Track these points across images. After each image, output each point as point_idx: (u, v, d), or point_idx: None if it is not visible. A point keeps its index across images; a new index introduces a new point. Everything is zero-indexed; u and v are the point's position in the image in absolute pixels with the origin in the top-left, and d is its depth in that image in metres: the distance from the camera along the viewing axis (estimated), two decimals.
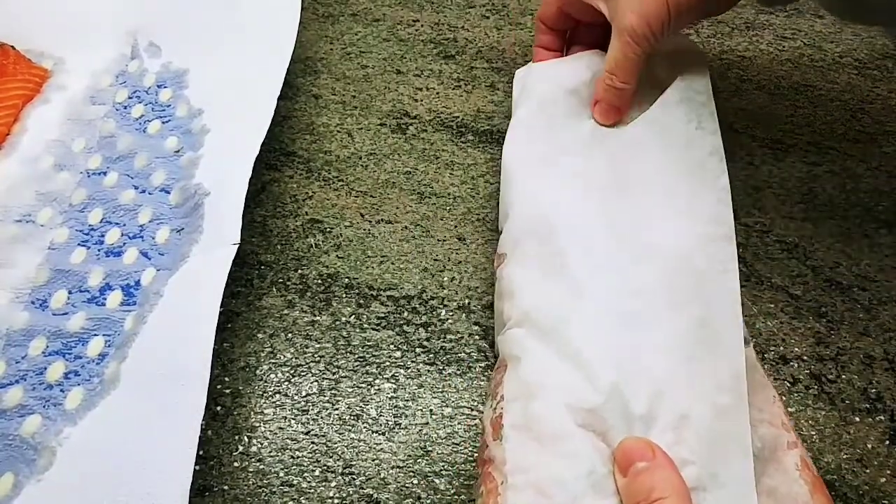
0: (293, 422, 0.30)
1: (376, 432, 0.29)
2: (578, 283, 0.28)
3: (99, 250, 0.32)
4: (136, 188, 0.34)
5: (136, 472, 0.25)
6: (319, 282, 0.34)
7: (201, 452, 0.28)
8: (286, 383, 0.31)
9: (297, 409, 0.30)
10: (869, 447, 0.29)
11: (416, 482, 0.28)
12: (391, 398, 0.30)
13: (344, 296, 0.33)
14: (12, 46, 0.38)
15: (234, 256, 0.29)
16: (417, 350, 0.32)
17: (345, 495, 0.28)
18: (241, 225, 0.30)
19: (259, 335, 0.32)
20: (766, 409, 0.27)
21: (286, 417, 0.30)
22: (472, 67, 0.43)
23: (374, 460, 0.29)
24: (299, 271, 0.34)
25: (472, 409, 0.30)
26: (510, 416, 0.26)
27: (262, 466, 0.28)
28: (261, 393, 0.30)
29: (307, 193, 0.37)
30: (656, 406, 0.25)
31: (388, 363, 0.31)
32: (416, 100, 0.41)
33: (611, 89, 0.33)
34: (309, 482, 0.28)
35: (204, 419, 0.25)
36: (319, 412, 0.30)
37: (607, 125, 0.34)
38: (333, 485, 0.28)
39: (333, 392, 0.30)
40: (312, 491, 0.28)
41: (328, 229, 0.36)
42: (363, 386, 0.31)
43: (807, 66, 0.43)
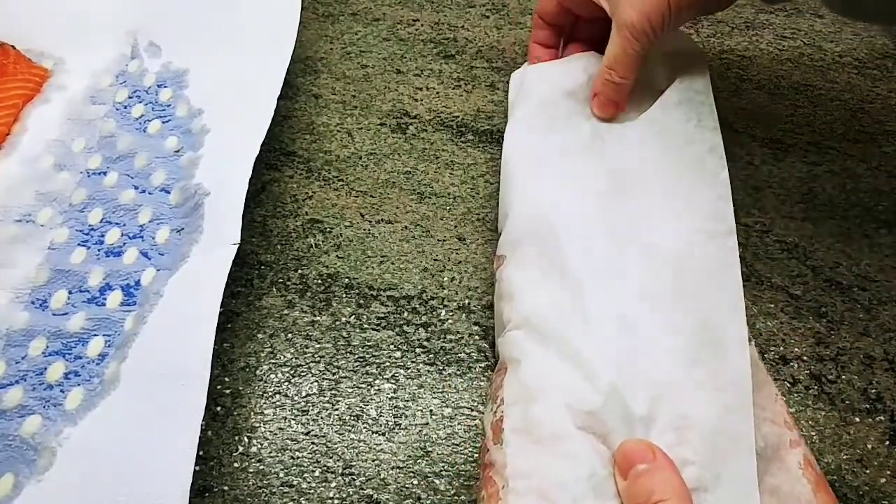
0: (293, 422, 0.30)
1: (376, 433, 0.29)
2: (578, 284, 0.28)
3: (99, 250, 0.32)
4: (136, 188, 0.34)
5: (136, 472, 0.25)
6: (319, 282, 0.34)
7: (201, 452, 0.28)
8: (286, 383, 0.31)
9: (297, 410, 0.30)
10: (869, 447, 0.29)
11: (416, 482, 0.28)
12: (391, 398, 0.30)
13: (344, 296, 0.33)
14: (12, 46, 0.38)
15: (234, 256, 0.29)
16: (417, 350, 0.32)
17: (345, 496, 0.28)
18: (241, 225, 0.30)
19: (259, 335, 0.32)
20: (768, 407, 0.26)
21: (286, 418, 0.30)
22: (472, 67, 0.43)
23: (374, 461, 0.29)
24: (299, 271, 0.34)
25: (472, 410, 0.30)
26: (510, 420, 0.26)
27: (262, 467, 0.28)
28: (261, 393, 0.30)
29: (307, 193, 0.37)
30: (657, 406, 0.25)
31: (388, 363, 0.31)
32: (416, 99, 0.41)
33: (609, 84, 0.33)
34: (309, 483, 0.28)
35: (204, 419, 0.25)
36: (319, 412, 0.30)
37: (605, 119, 0.34)
38: (333, 485, 0.28)
39: (333, 392, 0.30)
40: (312, 491, 0.28)
41: (328, 229, 0.36)
42: (363, 386, 0.31)
43: (807, 66, 0.43)
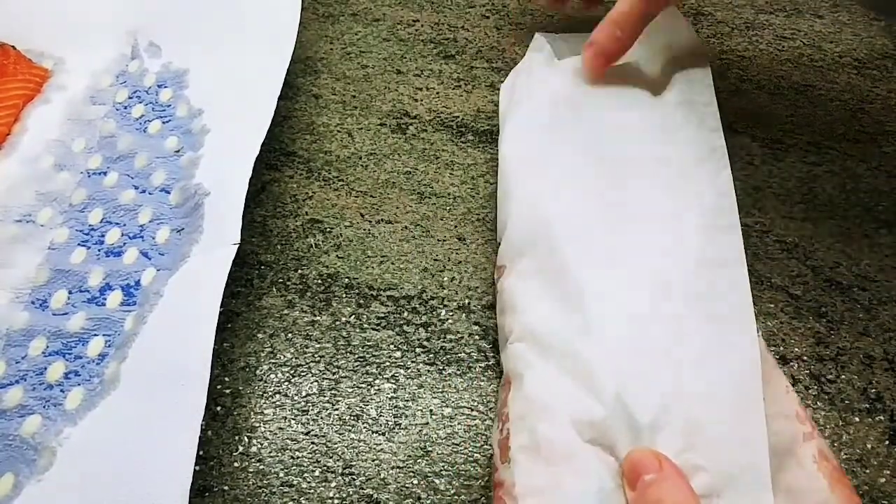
0: (293, 422, 0.30)
1: (376, 432, 0.29)
2: (580, 292, 0.28)
3: (99, 250, 0.32)
4: (136, 188, 0.34)
5: (136, 472, 0.25)
6: (319, 282, 0.34)
7: (201, 452, 0.28)
8: (286, 383, 0.31)
9: (297, 410, 0.30)
10: (869, 447, 0.29)
11: (416, 482, 0.28)
12: (391, 398, 0.30)
13: (344, 296, 0.33)
14: (12, 46, 0.38)
15: (234, 256, 0.29)
16: (417, 350, 0.32)
17: (345, 496, 0.28)
18: (241, 225, 0.30)
19: (259, 335, 0.32)
20: (779, 401, 0.25)
21: (286, 417, 0.30)
22: (472, 67, 0.43)
23: (374, 460, 0.29)
24: (299, 271, 0.34)
25: (472, 409, 0.30)
26: (517, 438, 0.25)
27: (262, 467, 0.28)
28: (261, 393, 0.30)
29: (307, 193, 0.37)
30: (664, 413, 0.25)
31: (388, 363, 0.31)
32: (416, 100, 0.41)
33: (611, 36, 0.33)
34: (309, 482, 0.28)
35: (204, 419, 0.25)
36: (319, 412, 0.30)
37: (592, 72, 0.34)
38: (333, 485, 0.28)
39: (333, 392, 0.30)
40: (312, 491, 0.28)
41: (328, 229, 0.36)
42: (363, 386, 0.31)
43: (807, 66, 0.43)
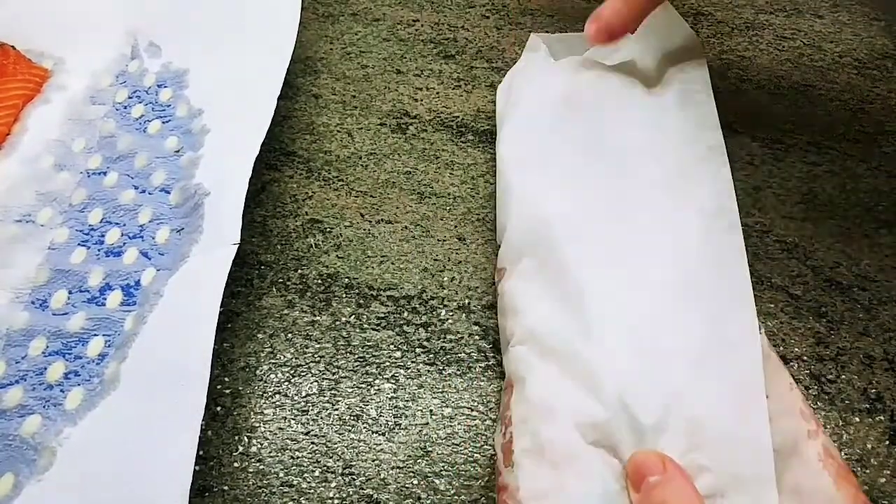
0: (293, 422, 0.30)
1: (376, 432, 0.29)
2: (580, 293, 0.28)
3: (99, 250, 0.32)
4: (136, 188, 0.34)
5: (136, 472, 0.25)
6: (319, 282, 0.34)
7: (201, 452, 0.28)
8: (286, 383, 0.31)
9: (297, 410, 0.30)
10: (869, 447, 0.29)
11: (416, 482, 0.28)
12: (391, 398, 0.30)
13: (344, 296, 0.33)
14: (12, 46, 0.38)
15: (234, 256, 0.29)
16: (417, 350, 0.32)
17: (345, 496, 0.28)
18: (241, 225, 0.30)
19: (259, 335, 0.32)
20: (783, 398, 0.25)
21: (286, 417, 0.30)
22: (472, 67, 0.43)
23: (374, 461, 0.29)
24: (299, 271, 0.34)
25: (471, 409, 0.30)
26: (520, 442, 0.25)
27: (262, 467, 0.28)
28: (261, 393, 0.30)
29: (307, 193, 0.37)
30: (667, 413, 0.25)
31: (388, 363, 0.31)
32: (416, 100, 0.41)
33: (616, 13, 0.33)
34: (309, 482, 0.28)
35: (204, 419, 0.25)
36: (319, 412, 0.30)
37: (596, 42, 0.34)
38: (333, 485, 0.28)
39: (333, 392, 0.30)
40: (312, 491, 0.28)
41: (328, 229, 0.36)
42: (363, 386, 0.31)
43: (807, 66, 0.43)
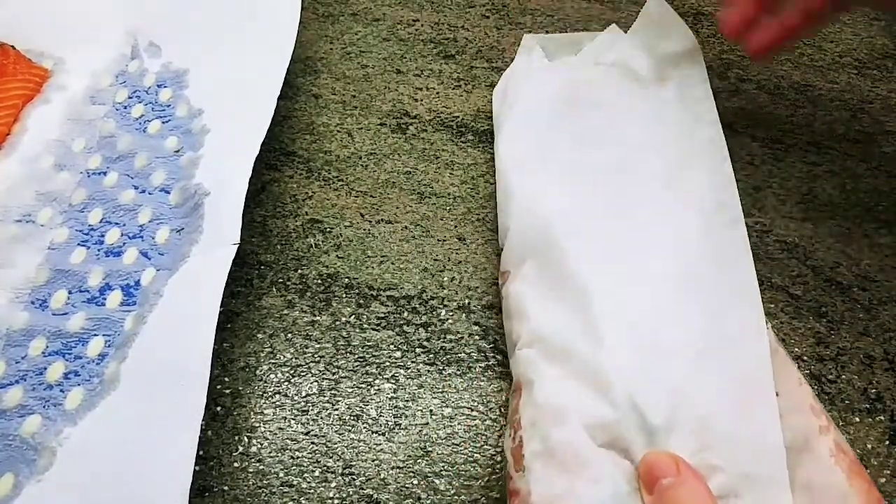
0: (293, 422, 0.30)
1: (376, 432, 0.29)
2: (586, 294, 0.27)
3: (99, 250, 0.32)
4: (136, 188, 0.34)
5: (136, 472, 0.25)
6: (319, 282, 0.34)
7: (201, 452, 0.28)
8: (286, 383, 0.31)
9: (297, 410, 0.30)
10: (869, 447, 0.29)
11: (416, 482, 0.28)
12: (391, 398, 0.30)
13: (344, 296, 0.33)
14: (12, 46, 0.38)
15: (234, 256, 0.29)
16: (417, 350, 0.32)
17: (345, 496, 0.28)
18: (241, 225, 0.30)
19: (259, 335, 0.32)
20: (792, 394, 0.25)
21: (286, 417, 0.30)
22: (472, 67, 0.43)
23: (374, 461, 0.29)
24: (299, 271, 0.34)
25: (471, 409, 0.30)
26: (530, 446, 0.25)
27: (262, 467, 0.28)
28: (261, 393, 0.30)
29: (307, 193, 0.37)
30: (675, 413, 0.24)
31: (388, 363, 0.31)
32: (416, 100, 0.41)
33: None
34: (309, 482, 0.28)
35: (204, 419, 0.25)
36: (319, 412, 0.30)
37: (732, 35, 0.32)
38: (333, 485, 0.28)
39: (333, 392, 0.30)
40: (312, 491, 0.28)
41: (328, 229, 0.36)
42: (363, 386, 0.31)
43: (807, 66, 0.43)
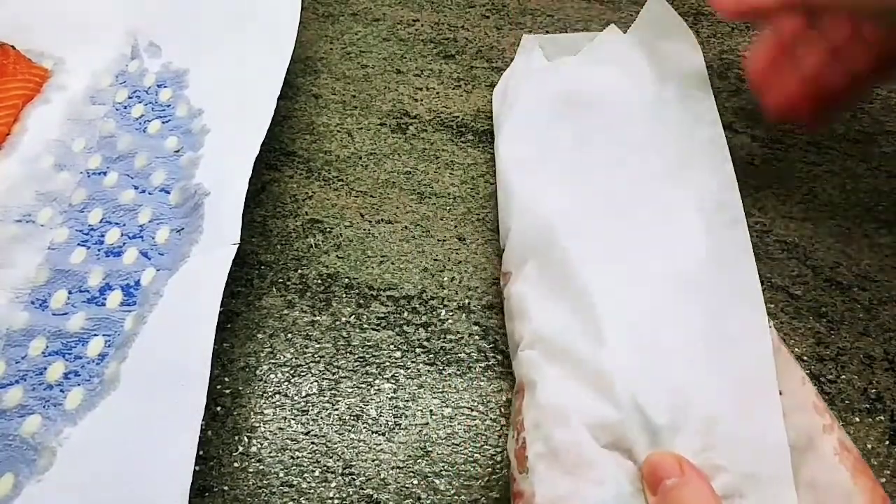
0: (293, 422, 0.30)
1: (376, 433, 0.29)
2: (587, 294, 0.27)
3: (99, 250, 0.32)
4: (136, 188, 0.34)
5: (136, 472, 0.25)
6: (319, 282, 0.34)
7: (201, 452, 0.28)
8: (286, 383, 0.31)
9: (297, 410, 0.30)
10: (869, 447, 0.29)
11: (416, 482, 0.28)
12: (391, 398, 0.30)
13: (344, 296, 0.33)
14: (12, 46, 0.38)
15: (234, 256, 0.29)
16: (417, 350, 0.32)
17: (345, 496, 0.28)
18: (241, 225, 0.30)
19: (259, 335, 0.32)
20: (796, 393, 0.25)
21: (286, 417, 0.30)
22: (472, 67, 0.43)
23: (374, 461, 0.29)
24: (299, 271, 0.34)
25: (471, 409, 0.30)
26: (534, 447, 0.25)
27: (262, 467, 0.28)
28: (261, 393, 0.30)
29: (307, 193, 0.37)
30: (678, 413, 0.24)
31: (388, 363, 0.31)
32: (416, 99, 0.41)
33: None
34: (309, 482, 0.28)
35: (204, 419, 0.25)
36: (319, 412, 0.30)
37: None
38: (333, 485, 0.28)
39: (333, 392, 0.30)
40: (312, 491, 0.28)
41: (328, 229, 0.36)
42: (363, 386, 0.31)
43: None
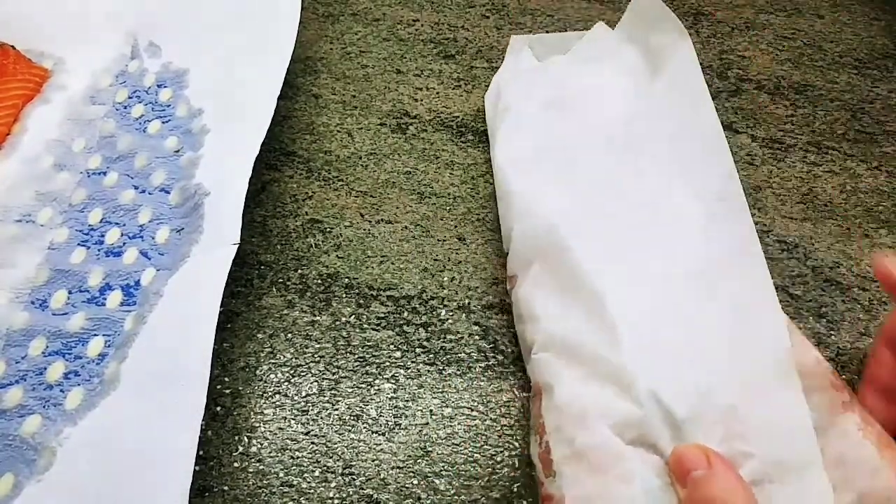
0: (293, 422, 0.30)
1: (376, 433, 0.29)
2: (596, 292, 0.27)
3: (99, 250, 0.32)
4: (136, 188, 0.34)
5: (136, 472, 0.25)
6: (319, 282, 0.34)
7: (201, 452, 0.28)
8: (286, 383, 0.31)
9: (297, 410, 0.30)
10: None
11: (416, 482, 0.28)
12: (391, 398, 0.30)
13: (344, 296, 0.33)
14: (12, 46, 0.38)
15: (234, 256, 0.29)
16: (417, 350, 0.32)
17: (345, 496, 0.28)
18: (241, 225, 0.30)
19: (259, 335, 0.32)
20: (812, 373, 0.25)
21: (286, 417, 0.30)
22: (472, 67, 0.43)
23: (374, 461, 0.29)
24: (299, 271, 0.34)
25: (471, 409, 0.30)
26: (558, 450, 0.25)
27: (262, 467, 0.28)
28: (261, 393, 0.30)
29: (307, 193, 0.37)
30: (699, 404, 0.24)
31: (388, 363, 0.31)
32: (416, 99, 0.41)
33: None
34: (309, 482, 0.28)
35: (204, 419, 0.25)
36: (319, 412, 0.30)
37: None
38: (333, 485, 0.28)
39: (333, 392, 0.30)
40: (312, 491, 0.28)
41: (328, 229, 0.36)
42: (363, 386, 0.31)
43: (807, 66, 0.43)
